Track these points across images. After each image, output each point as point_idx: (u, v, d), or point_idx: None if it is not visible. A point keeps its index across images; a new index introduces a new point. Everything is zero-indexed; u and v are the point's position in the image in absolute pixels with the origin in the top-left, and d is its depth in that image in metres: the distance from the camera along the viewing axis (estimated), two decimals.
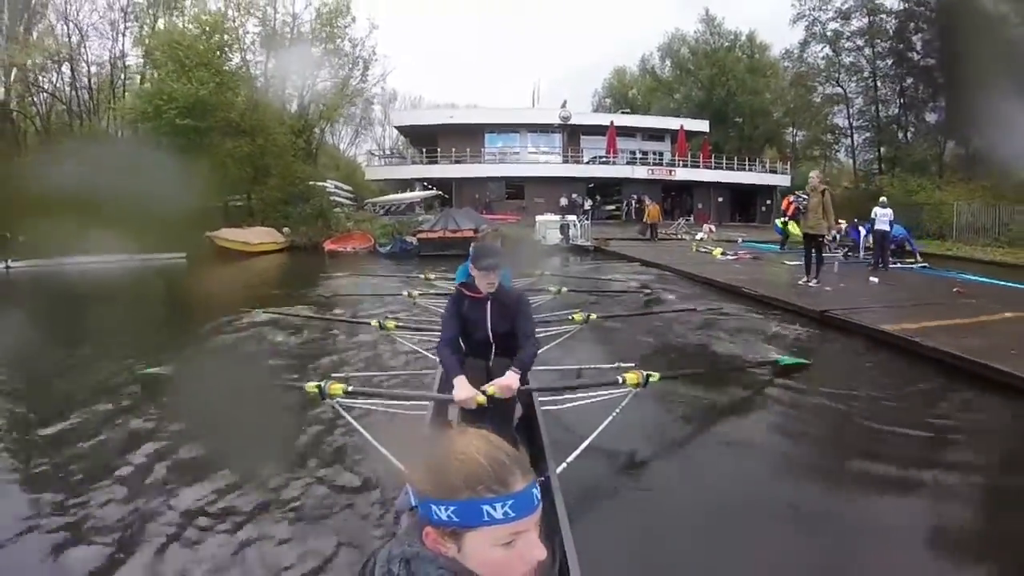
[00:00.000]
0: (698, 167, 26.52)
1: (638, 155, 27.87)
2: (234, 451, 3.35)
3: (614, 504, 3.07)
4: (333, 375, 3.57)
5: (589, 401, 3.37)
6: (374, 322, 5.00)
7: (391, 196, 21.65)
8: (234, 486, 3.04)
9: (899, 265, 11.26)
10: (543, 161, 26.72)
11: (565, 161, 26.10)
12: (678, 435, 3.93)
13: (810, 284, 8.24)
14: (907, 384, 4.71)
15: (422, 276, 8.68)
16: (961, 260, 14.45)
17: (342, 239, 17.26)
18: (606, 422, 3.17)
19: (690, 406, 4.31)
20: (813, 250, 8.38)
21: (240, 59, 21.45)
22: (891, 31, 27.27)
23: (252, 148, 18.16)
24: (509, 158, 26.74)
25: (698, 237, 17.50)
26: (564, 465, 2.82)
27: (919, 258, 11.96)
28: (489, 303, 3.00)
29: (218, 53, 18.88)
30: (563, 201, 22.00)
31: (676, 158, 27.18)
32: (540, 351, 3.53)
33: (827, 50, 28.80)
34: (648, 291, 8.59)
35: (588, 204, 23.46)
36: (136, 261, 14.30)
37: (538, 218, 17.84)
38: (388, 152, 35.47)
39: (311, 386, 3.06)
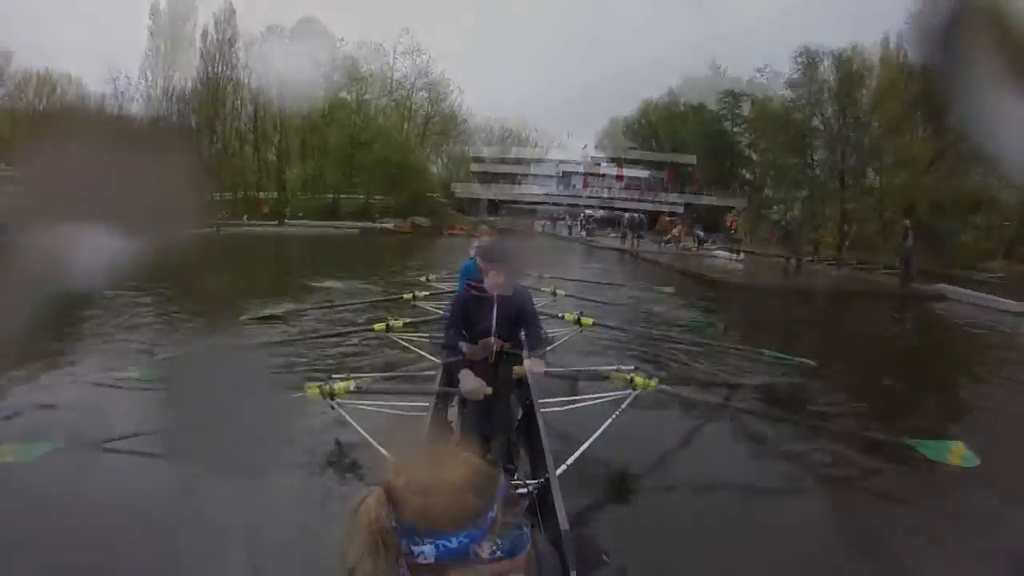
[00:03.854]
0: (667, 192, 42.98)
1: (604, 190, 45.92)
2: (231, 448, 3.46)
3: (614, 505, 3.26)
4: (334, 375, 3.50)
5: (589, 404, 3.66)
6: (377, 325, 5.23)
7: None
8: (230, 483, 3.20)
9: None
10: (546, 193, 46.05)
11: (559, 193, 45.60)
12: (677, 437, 4.09)
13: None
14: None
15: (423, 278, 9.42)
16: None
17: (454, 226, 37.46)
18: (606, 424, 3.38)
19: (689, 409, 4.53)
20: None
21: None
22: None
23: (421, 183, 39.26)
24: (530, 190, 46.67)
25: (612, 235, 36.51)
26: (564, 467, 3.00)
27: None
28: (496, 299, 3.11)
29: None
30: (556, 215, 42.58)
31: (667, 185, 43.36)
32: (557, 374, 3.66)
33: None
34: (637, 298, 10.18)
35: (571, 220, 42.91)
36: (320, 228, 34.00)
37: (535, 222, 38.10)
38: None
39: (312, 386, 3.29)
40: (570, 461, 3.14)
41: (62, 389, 5.21)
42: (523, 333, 3.28)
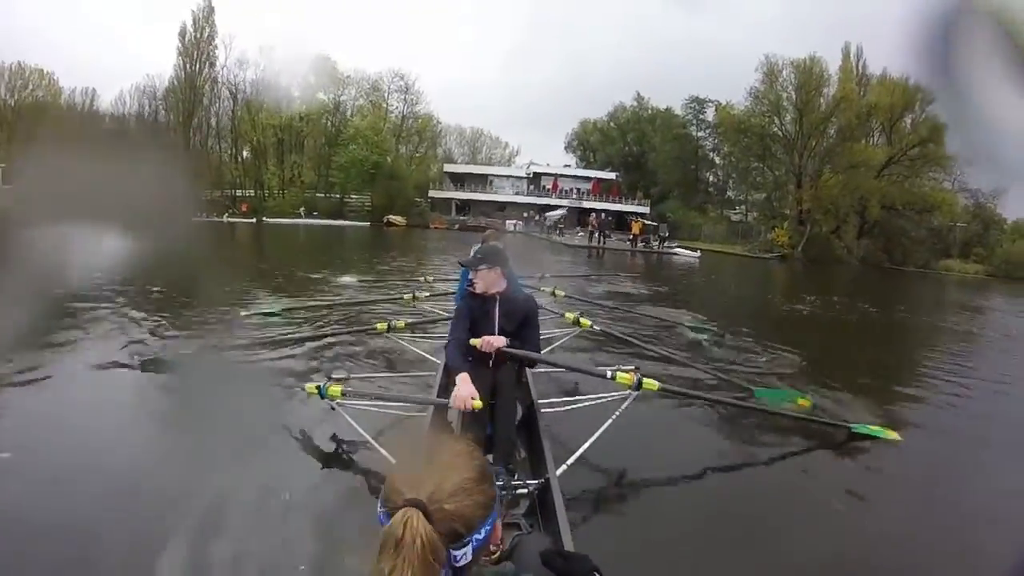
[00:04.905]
0: (592, 199, 46.83)
1: (573, 191, 48.51)
2: (231, 447, 3.48)
3: (614, 505, 3.18)
4: (333, 375, 3.49)
5: (589, 404, 3.57)
6: (379, 325, 5.07)
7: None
8: (230, 482, 3.08)
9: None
10: (516, 193, 48.67)
11: (529, 194, 48.06)
12: (678, 438, 4.09)
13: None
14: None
15: (423, 279, 9.37)
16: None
17: (435, 221, 40.33)
18: (606, 424, 3.30)
19: (689, 410, 4.45)
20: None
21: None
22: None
23: (394, 184, 40.77)
24: (500, 190, 48.74)
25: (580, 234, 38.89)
26: (564, 467, 2.97)
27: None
28: (497, 302, 3.13)
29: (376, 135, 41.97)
30: (524, 214, 44.20)
31: (591, 194, 47.83)
32: (536, 359, 3.54)
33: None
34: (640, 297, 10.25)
35: (538, 217, 45.34)
36: (333, 226, 36.76)
37: (507, 221, 40.01)
38: None
39: (311, 386, 3.21)
40: (570, 461, 3.11)
41: (64, 373, 5.22)
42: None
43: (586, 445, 3.25)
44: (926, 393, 6.59)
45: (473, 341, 3.01)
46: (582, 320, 5.29)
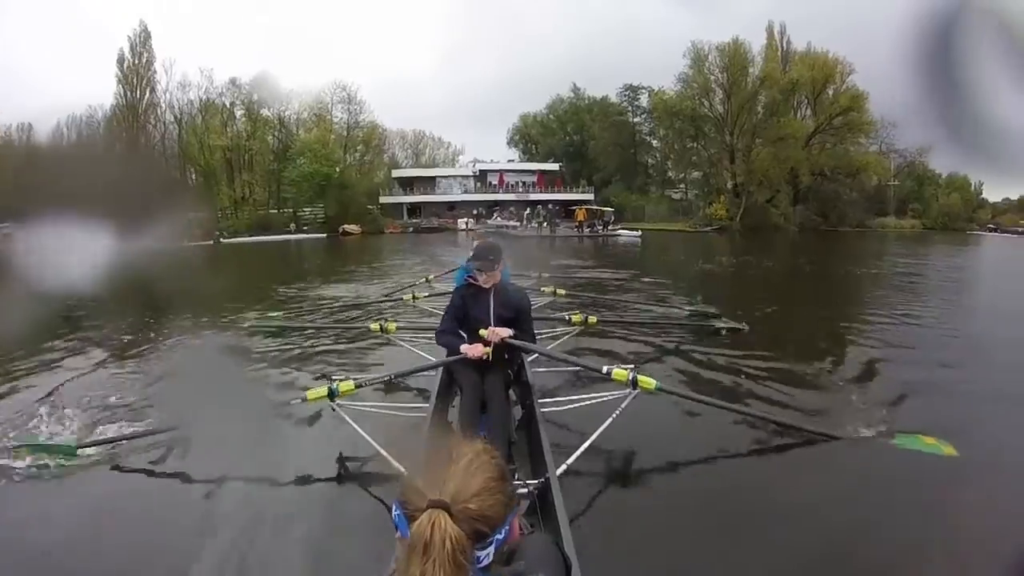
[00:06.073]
0: (539, 191, 48.11)
1: (519, 184, 49.51)
2: (234, 454, 3.52)
3: (615, 504, 3.17)
4: (334, 377, 3.48)
5: (589, 403, 3.55)
6: (374, 324, 5.03)
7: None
8: (233, 486, 3.15)
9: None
10: (464, 192, 49.56)
11: (476, 192, 48.98)
12: (678, 437, 4.00)
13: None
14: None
15: (423, 279, 9.31)
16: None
17: (391, 226, 41.18)
18: (606, 424, 3.30)
19: (689, 409, 4.34)
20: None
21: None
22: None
23: (347, 193, 41.58)
24: (448, 190, 49.61)
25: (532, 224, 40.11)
26: (564, 466, 2.97)
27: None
28: (492, 293, 3.27)
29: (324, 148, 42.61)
30: (475, 212, 45.45)
31: (536, 186, 48.99)
32: (537, 352, 3.66)
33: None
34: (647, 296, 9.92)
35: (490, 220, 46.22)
36: (294, 240, 37.60)
37: (458, 220, 41.32)
38: None
39: (311, 392, 3.25)
40: (570, 461, 3.10)
41: (66, 375, 5.46)
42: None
43: (586, 444, 3.26)
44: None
45: (481, 332, 3.18)
46: (586, 318, 5.26)
